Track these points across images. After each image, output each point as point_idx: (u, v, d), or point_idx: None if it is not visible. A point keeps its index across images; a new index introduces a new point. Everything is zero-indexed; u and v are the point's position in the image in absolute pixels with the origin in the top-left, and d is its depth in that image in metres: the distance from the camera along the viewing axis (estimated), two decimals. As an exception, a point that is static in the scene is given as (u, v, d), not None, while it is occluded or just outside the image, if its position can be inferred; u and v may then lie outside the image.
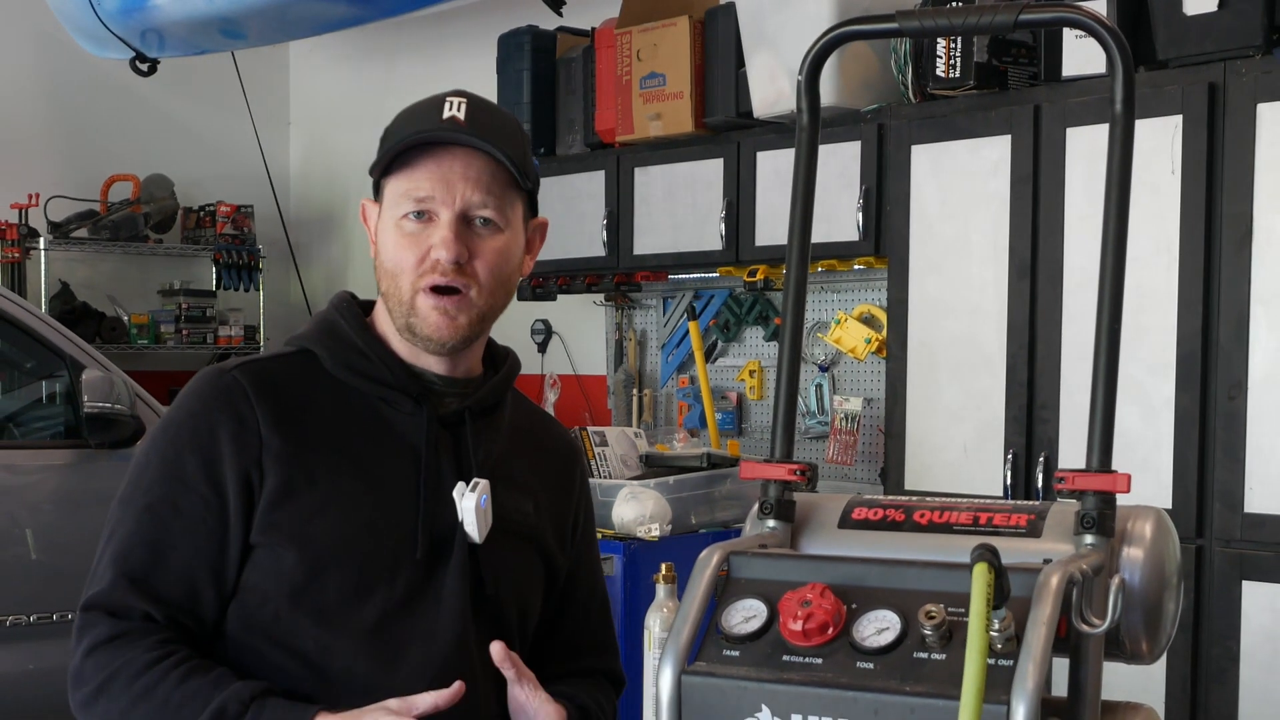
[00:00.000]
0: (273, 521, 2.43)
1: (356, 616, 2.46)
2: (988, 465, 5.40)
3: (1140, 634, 1.91)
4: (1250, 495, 4.76)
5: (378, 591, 2.47)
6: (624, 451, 6.07)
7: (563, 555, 2.78)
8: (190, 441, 2.46)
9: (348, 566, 2.46)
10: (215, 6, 7.32)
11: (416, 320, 2.50)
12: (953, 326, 5.54)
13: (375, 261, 2.56)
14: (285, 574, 2.44)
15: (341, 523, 2.46)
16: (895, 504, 2.05)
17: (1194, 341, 4.86)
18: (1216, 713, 4.81)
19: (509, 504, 2.60)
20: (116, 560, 2.43)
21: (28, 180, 8.96)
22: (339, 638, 2.45)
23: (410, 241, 2.48)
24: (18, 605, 5.70)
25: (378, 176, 2.53)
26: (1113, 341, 1.93)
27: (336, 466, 2.49)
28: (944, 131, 5.59)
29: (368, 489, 2.50)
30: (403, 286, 2.49)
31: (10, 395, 6.54)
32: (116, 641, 2.38)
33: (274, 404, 2.49)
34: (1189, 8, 4.89)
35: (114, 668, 2.36)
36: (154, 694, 2.33)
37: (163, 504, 2.44)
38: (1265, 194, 4.72)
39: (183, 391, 2.56)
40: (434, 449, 2.56)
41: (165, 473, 2.47)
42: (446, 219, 2.46)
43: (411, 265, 2.48)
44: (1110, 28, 1.95)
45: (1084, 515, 1.88)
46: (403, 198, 2.48)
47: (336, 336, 2.59)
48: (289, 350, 2.61)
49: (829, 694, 1.76)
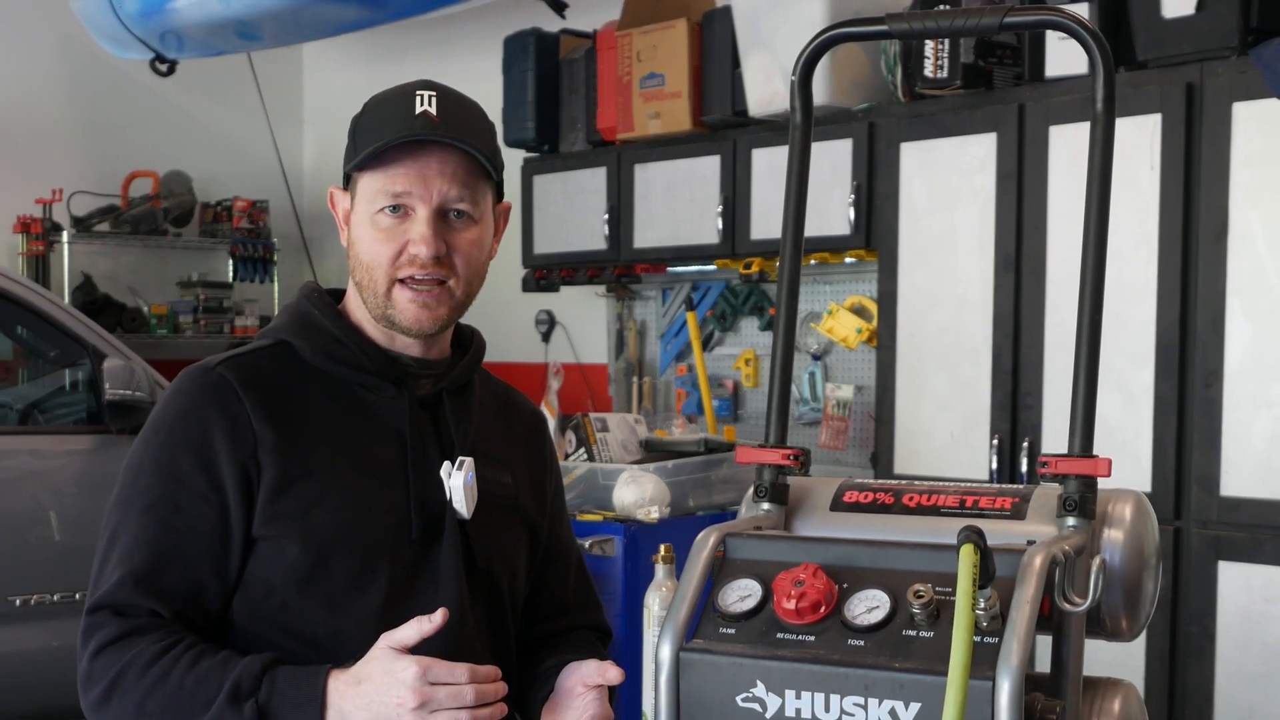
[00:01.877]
0: (274, 514, 2.41)
1: (363, 599, 2.45)
2: (974, 450, 5.40)
3: (1120, 612, 1.91)
4: (1226, 479, 4.76)
5: (381, 573, 2.47)
6: (624, 437, 6.07)
7: (542, 520, 2.79)
8: (184, 441, 2.43)
9: (351, 552, 2.45)
10: (232, 9, 7.31)
11: (394, 312, 2.49)
12: (940, 317, 5.54)
13: (349, 251, 2.53)
14: (291, 564, 2.42)
15: (340, 510, 2.45)
16: (885, 487, 2.05)
17: (1172, 332, 4.86)
18: (1194, 689, 4.82)
19: (489, 477, 2.60)
20: (121, 561, 2.38)
21: (52, 176, 8.97)
22: (347, 621, 2.44)
23: (386, 235, 2.45)
24: (43, 584, 5.70)
25: (351, 169, 2.50)
26: (1094, 331, 1.92)
27: (328, 455, 2.48)
28: (932, 130, 5.59)
29: (359, 474, 2.49)
30: (378, 279, 2.47)
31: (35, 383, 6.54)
32: (124, 639, 2.35)
33: (262, 398, 2.46)
34: (1167, 10, 4.88)
35: (123, 663, 2.33)
36: (166, 682, 2.30)
37: (162, 504, 2.40)
38: (1241, 190, 4.72)
39: (168, 392, 2.52)
40: (416, 430, 2.55)
41: (161, 474, 2.42)
42: (424, 215, 2.45)
43: (388, 259, 2.46)
44: (1091, 30, 1.94)
45: (1066, 498, 1.88)
46: (379, 193, 2.45)
47: (313, 326, 2.56)
48: (266, 343, 2.57)
49: (821, 670, 1.76)
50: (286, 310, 2.63)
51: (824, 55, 2.15)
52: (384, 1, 7.15)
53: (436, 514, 2.53)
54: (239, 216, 9.56)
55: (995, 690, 1.63)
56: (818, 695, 1.76)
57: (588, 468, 5.81)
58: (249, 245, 9.56)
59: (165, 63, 8.22)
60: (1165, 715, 4.84)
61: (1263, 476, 4.70)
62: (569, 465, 5.87)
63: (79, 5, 8.27)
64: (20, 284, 6.09)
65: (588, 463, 5.85)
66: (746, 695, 1.79)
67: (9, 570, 5.68)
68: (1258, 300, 4.70)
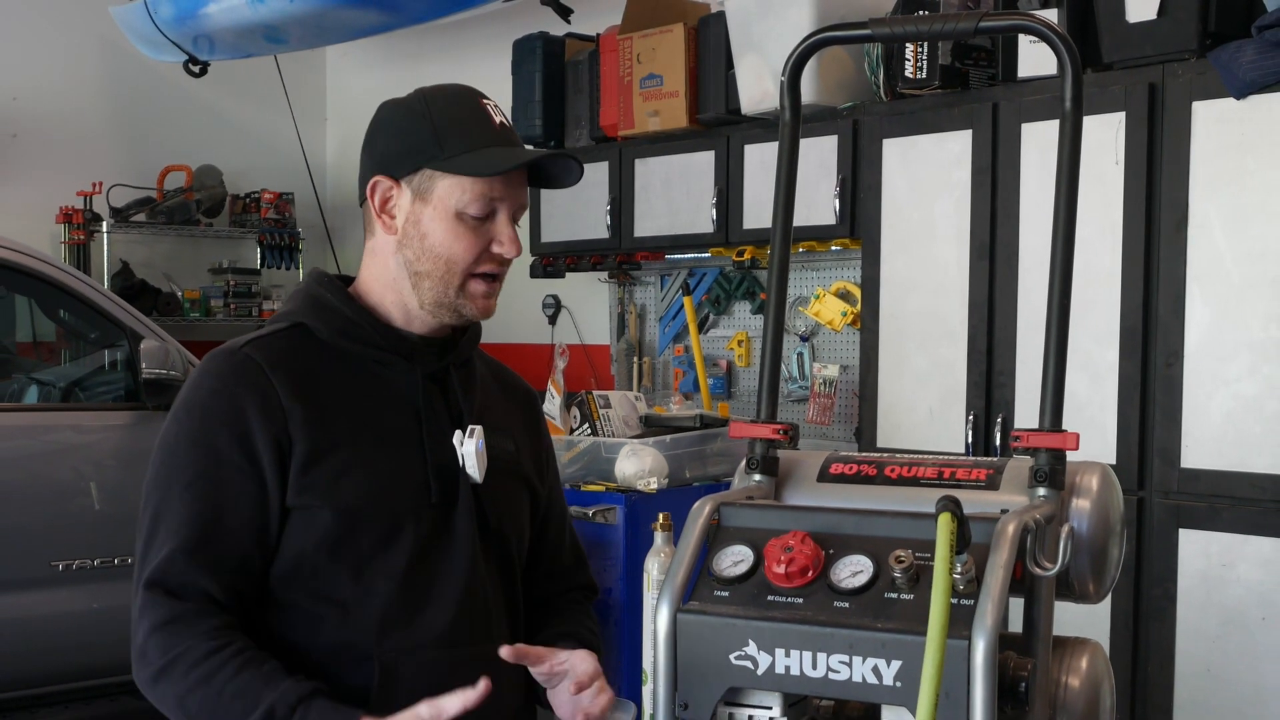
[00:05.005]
0: (306, 485, 2.40)
1: (388, 564, 2.45)
2: (951, 425, 5.40)
3: (1087, 576, 1.91)
4: (1186, 452, 4.76)
5: (405, 537, 2.47)
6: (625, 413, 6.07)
7: (541, 485, 2.80)
8: (219, 419, 2.41)
9: (377, 519, 2.45)
10: (260, 15, 7.31)
11: (464, 301, 2.51)
12: (919, 301, 5.54)
13: (407, 241, 2.51)
14: (321, 532, 2.41)
15: (367, 479, 2.45)
16: (868, 460, 2.05)
17: (1135, 315, 4.86)
18: (1156, 647, 4.82)
19: (494, 444, 2.61)
20: (169, 537, 2.36)
21: (92, 170, 8.97)
22: (373, 585, 2.44)
23: (472, 234, 2.47)
24: (83, 550, 5.70)
25: (442, 167, 2.47)
26: (1063, 314, 1.92)
27: (351, 427, 2.47)
28: (912, 127, 5.58)
29: (380, 444, 2.49)
30: (455, 272, 2.49)
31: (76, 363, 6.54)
32: (176, 624, 2.33)
33: (287, 376, 2.45)
34: (1131, 15, 4.87)
35: (175, 653, 2.31)
36: (210, 683, 2.28)
37: (204, 480, 2.39)
38: (1199, 183, 4.71)
39: (196, 374, 2.50)
40: (428, 402, 2.56)
41: (200, 451, 2.40)
42: (505, 217, 2.50)
43: (473, 256, 2.48)
44: (1060, 34, 1.94)
45: (1037, 470, 1.88)
46: (476, 197, 2.46)
47: (326, 308, 2.56)
48: (283, 326, 2.56)
49: (809, 630, 1.76)
50: (297, 295, 2.63)
51: (811, 57, 2.15)
52: (402, 7, 7.14)
53: (451, 479, 2.54)
54: (266, 207, 9.58)
55: (971, 649, 1.64)
56: (805, 654, 1.76)
57: (591, 441, 5.81)
58: (275, 234, 9.58)
59: (198, 65, 8.23)
60: (1129, 672, 4.85)
61: (1220, 449, 4.70)
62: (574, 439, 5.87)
63: (118, 12, 8.29)
64: (63, 271, 6.08)
65: (591, 437, 5.85)
66: (739, 654, 1.79)
67: (52, 537, 5.68)
68: (1215, 286, 4.70)
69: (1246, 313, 4.64)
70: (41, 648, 5.67)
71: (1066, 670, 1.87)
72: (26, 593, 5.63)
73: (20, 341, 6.98)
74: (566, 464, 5.79)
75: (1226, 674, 4.66)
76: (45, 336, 7.08)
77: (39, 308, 6.65)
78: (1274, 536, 4.56)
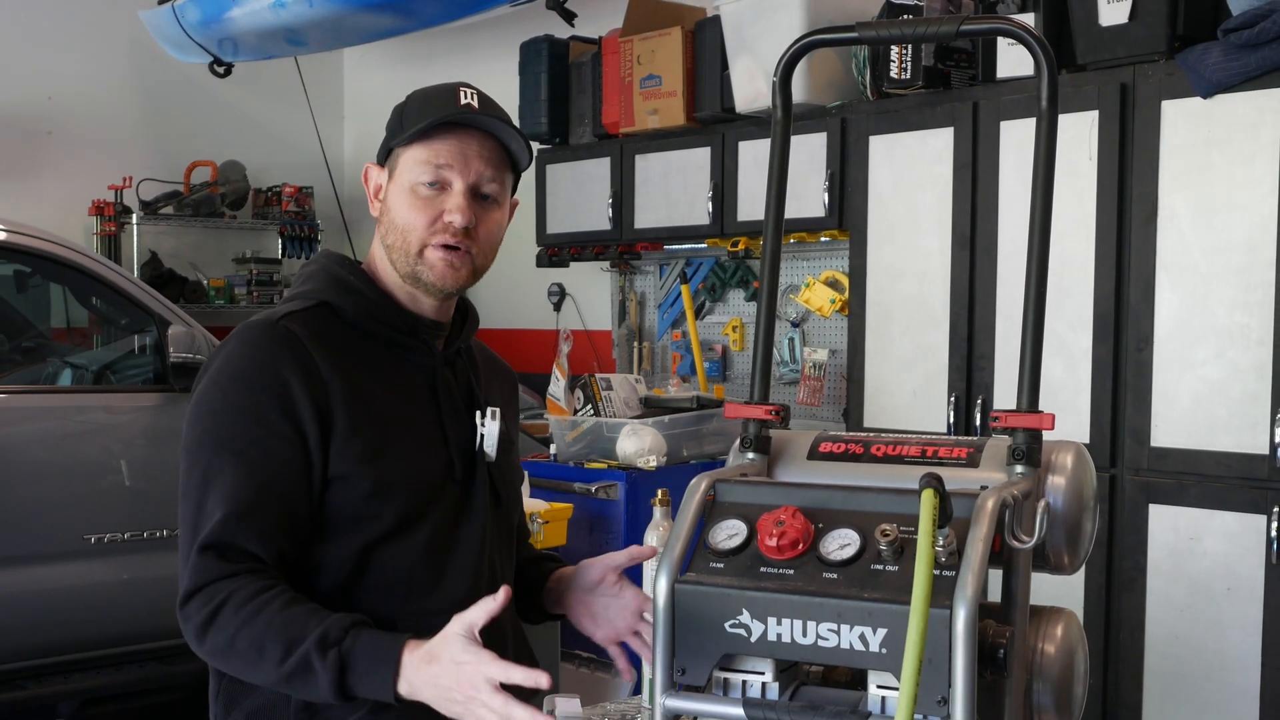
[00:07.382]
0: (347, 456, 2.38)
1: (416, 533, 2.45)
2: (934, 406, 5.40)
3: (1063, 549, 1.91)
4: (1156, 432, 4.76)
5: (432, 510, 2.47)
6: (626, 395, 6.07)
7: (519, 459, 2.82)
8: (265, 388, 2.36)
9: (410, 491, 2.44)
10: (281, 19, 7.30)
11: (424, 268, 2.48)
12: (904, 289, 5.53)
13: (382, 217, 2.53)
14: (359, 501, 2.40)
15: (402, 453, 2.44)
16: (856, 439, 2.04)
17: (1108, 302, 4.86)
18: (1127, 616, 4.82)
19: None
20: (222, 502, 2.31)
21: (122, 165, 8.96)
22: (401, 552, 2.44)
23: (424, 205, 2.46)
24: (114, 524, 5.69)
25: (395, 144, 2.49)
26: (1039, 301, 1.92)
27: (383, 403, 2.46)
28: (896, 124, 5.57)
29: (406, 422, 2.49)
30: (411, 241, 2.47)
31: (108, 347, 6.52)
32: (224, 580, 2.28)
33: (325, 350, 2.42)
34: (1104, 19, 4.86)
35: (222, 597, 2.26)
36: (258, 619, 2.23)
37: (254, 448, 2.34)
38: (1168, 177, 4.71)
39: (236, 344, 2.45)
40: (445, 382, 2.56)
41: (248, 420, 2.36)
42: (460, 188, 2.46)
43: (424, 225, 2.46)
44: (1037, 36, 1.94)
45: (1015, 448, 1.88)
46: (422, 165, 2.45)
47: (351, 289, 2.53)
48: (310, 304, 2.52)
49: (799, 600, 1.76)
50: (316, 275, 2.59)
51: (802, 59, 2.14)
52: (416, 11, 7.12)
53: (469, 456, 2.55)
54: (287, 201, 9.56)
55: (953, 617, 1.63)
56: (796, 622, 1.76)
57: (594, 421, 5.81)
58: (296, 226, 9.57)
59: (222, 65, 8.23)
60: (1102, 640, 4.85)
61: (1188, 429, 4.70)
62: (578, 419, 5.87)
63: (147, 16, 8.28)
64: (95, 260, 6.07)
65: (594, 417, 5.85)
66: (734, 622, 1.79)
67: (85, 512, 5.67)
68: (1183, 274, 4.70)
69: (1213, 300, 4.63)
70: (75, 617, 5.66)
71: (1043, 638, 1.87)
72: (60, 564, 5.62)
73: (55, 327, 6.97)
74: (571, 443, 5.79)
75: (1193, 641, 4.67)
76: (78, 323, 7.07)
77: (72, 295, 6.64)
78: (1238, 511, 4.57)
